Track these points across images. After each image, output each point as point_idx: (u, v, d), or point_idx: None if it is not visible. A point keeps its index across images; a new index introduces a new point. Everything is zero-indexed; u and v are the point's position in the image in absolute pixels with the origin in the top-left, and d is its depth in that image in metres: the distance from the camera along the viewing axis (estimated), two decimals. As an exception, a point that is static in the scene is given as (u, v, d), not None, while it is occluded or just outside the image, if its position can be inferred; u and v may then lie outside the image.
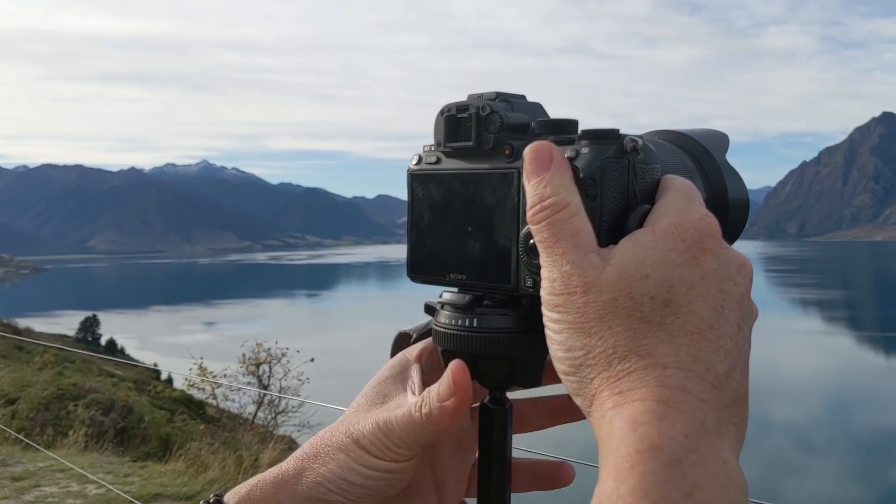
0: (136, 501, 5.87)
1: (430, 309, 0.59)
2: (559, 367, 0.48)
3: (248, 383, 15.30)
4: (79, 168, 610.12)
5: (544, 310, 0.49)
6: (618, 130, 0.52)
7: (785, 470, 33.96)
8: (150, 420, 11.03)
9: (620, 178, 0.52)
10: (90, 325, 68.18)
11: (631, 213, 0.51)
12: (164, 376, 22.62)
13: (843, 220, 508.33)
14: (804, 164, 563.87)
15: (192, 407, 14.66)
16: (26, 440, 8.46)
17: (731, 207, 0.61)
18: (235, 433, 10.98)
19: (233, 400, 15.37)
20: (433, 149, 0.60)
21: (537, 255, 0.50)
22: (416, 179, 0.61)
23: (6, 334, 19.76)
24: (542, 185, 0.50)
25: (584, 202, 0.50)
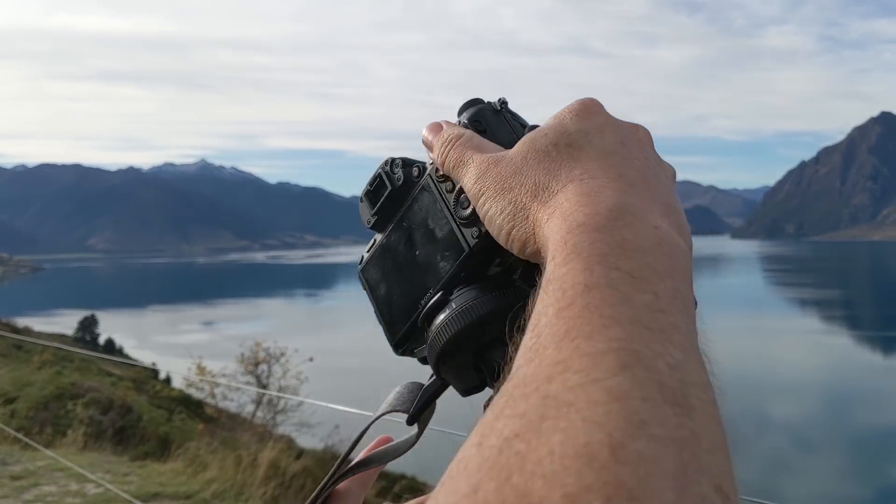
0: (134, 500, 5.89)
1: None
2: (501, 234, 0.51)
3: (247, 382, 15.33)
4: (77, 167, 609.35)
5: (473, 202, 0.53)
6: (482, 98, 0.58)
7: (782, 469, 34.01)
8: (148, 419, 11.06)
9: (502, 126, 0.58)
10: (89, 325, 68.11)
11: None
12: (162, 376, 22.63)
13: (842, 220, 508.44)
14: (803, 164, 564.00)
15: (192, 406, 14.67)
16: (25, 439, 8.47)
17: None
18: (234, 432, 11.01)
19: (232, 399, 15.39)
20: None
21: (466, 207, 0.55)
22: (364, 271, 0.64)
23: (5, 333, 19.77)
24: (440, 139, 0.57)
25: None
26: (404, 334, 0.61)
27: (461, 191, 0.55)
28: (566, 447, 0.31)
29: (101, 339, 65.13)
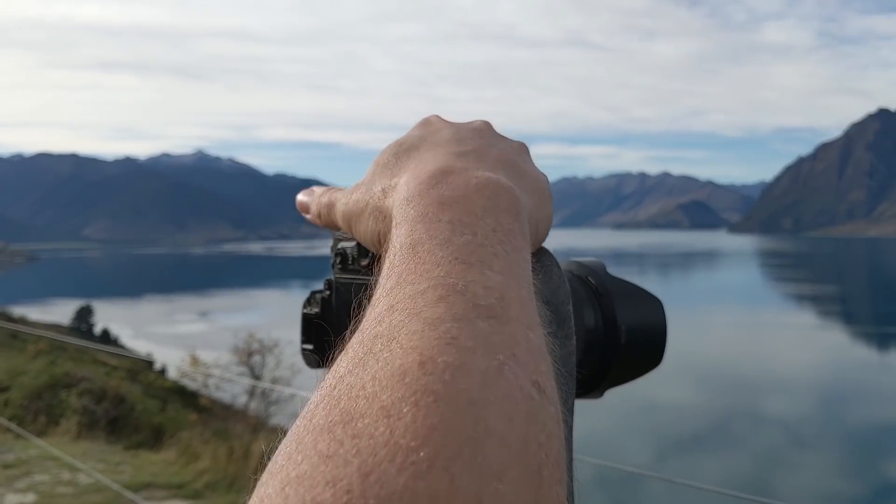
0: (125, 491, 5.88)
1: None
2: (367, 241, 0.54)
3: (241, 374, 15.30)
4: (74, 157, 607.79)
5: (345, 231, 0.57)
6: None
7: (777, 464, 34.06)
8: (142, 409, 11.04)
9: None
10: (84, 314, 68.03)
11: None
12: (157, 366, 22.60)
13: (838, 216, 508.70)
14: (800, 160, 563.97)
15: (186, 397, 14.65)
16: (17, 429, 8.45)
17: (626, 333, 0.59)
18: (227, 423, 10.99)
19: (225, 390, 15.35)
20: None
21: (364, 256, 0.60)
22: None
23: (0, 322, 19.73)
24: (314, 198, 0.62)
25: None
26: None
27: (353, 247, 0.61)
28: (384, 371, 0.35)
29: (97, 329, 65.05)
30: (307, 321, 0.63)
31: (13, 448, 8.42)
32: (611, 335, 0.58)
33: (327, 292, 0.63)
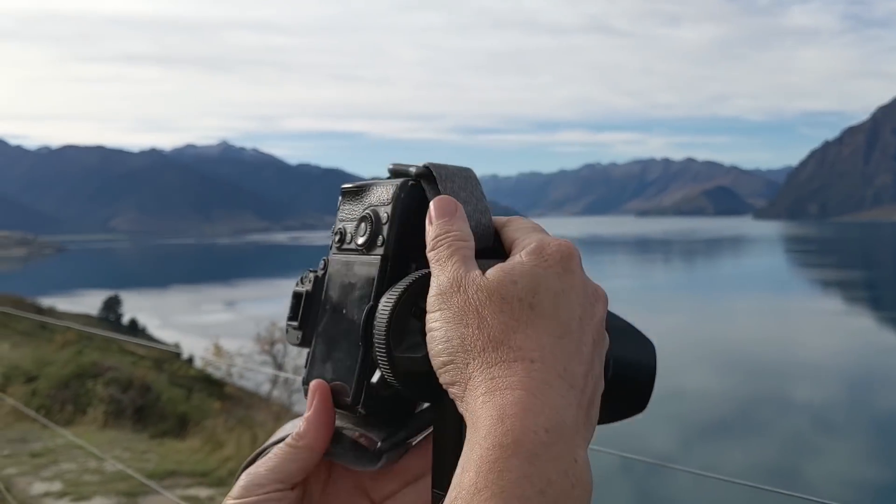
0: (147, 480, 5.94)
1: None
2: (437, 360, 0.52)
3: (264, 362, 15.39)
4: (100, 149, 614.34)
5: (428, 314, 0.54)
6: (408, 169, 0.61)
7: (804, 451, 33.81)
8: (167, 398, 11.12)
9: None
10: (112, 305, 68.76)
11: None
12: (184, 356, 22.78)
13: (865, 201, 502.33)
14: (826, 144, 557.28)
15: (211, 385, 14.77)
16: (42, 419, 8.55)
17: (613, 366, 0.60)
18: (251, 411, 11.05)
19: (248, 378, 15.44)
20: None
21: (362, 235, 0.60)
22: (308, 377, 0.64)
23: (28, 314, 19.99)
24: (448, 223, 0.57)
25: None
26: (370, 382, 0.57)
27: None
28: None
29: (125, 319, 65.73)
30: (296, 298, 0.63)
31: (41, 437, 8.52)
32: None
33: (322, 271, 0.63)
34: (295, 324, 0.63)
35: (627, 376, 0.61)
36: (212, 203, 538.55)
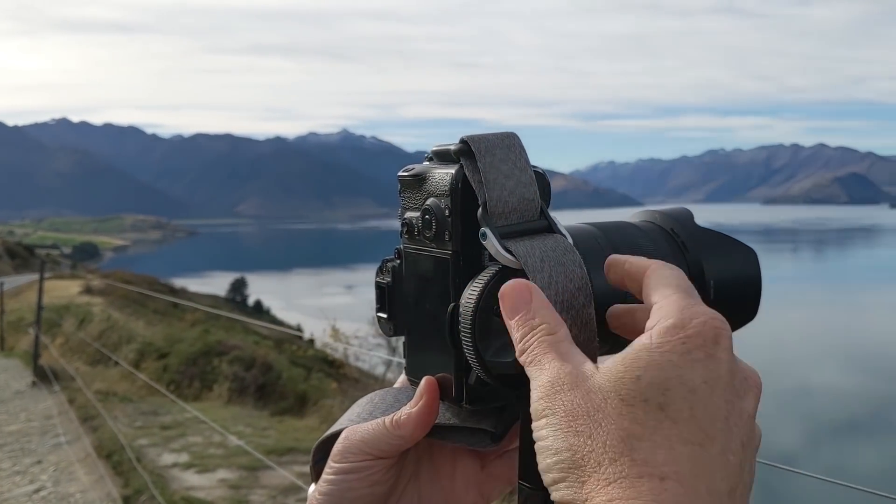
0: (264, 457, 6.15)
1: None
2: (549, 477, 0.42)
3: (378, 345, 15.69)
4: (229, 137, 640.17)
5: (533, 423, 0.44)
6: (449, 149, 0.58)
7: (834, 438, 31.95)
8: (287, 377, 11.46)
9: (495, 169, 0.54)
10: (239, 286, 71.58)
11: None
12: (305, 338, 23.48)
13: None
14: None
15: (329, 366, 15.15)
16: (170, 395, 8.98)
17: (714, 288, 0.55)
18: (366, 392, 11.25)
19: (364, 361, 15.78)
20: None
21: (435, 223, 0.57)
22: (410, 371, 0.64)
23: (161, 294, 21.06)
24: (527, 317, 0.48)
25: None
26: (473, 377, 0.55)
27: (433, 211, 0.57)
28: None
29: (251, 301, 68.26)
30: (380, 290, 0.63)
31: (170, 410, 8.95)
32: (699, 292, 0.50)
33: (397, 261, 0.62)
34: (384, 315, 0.63)
35: (731, 297, 0.57)
36: (332, 189, 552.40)
